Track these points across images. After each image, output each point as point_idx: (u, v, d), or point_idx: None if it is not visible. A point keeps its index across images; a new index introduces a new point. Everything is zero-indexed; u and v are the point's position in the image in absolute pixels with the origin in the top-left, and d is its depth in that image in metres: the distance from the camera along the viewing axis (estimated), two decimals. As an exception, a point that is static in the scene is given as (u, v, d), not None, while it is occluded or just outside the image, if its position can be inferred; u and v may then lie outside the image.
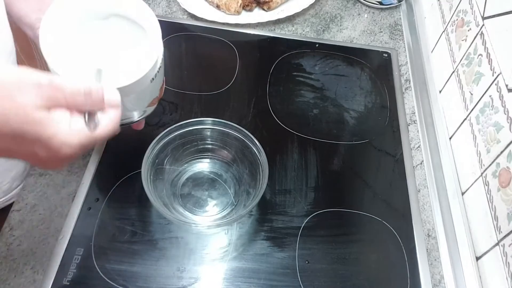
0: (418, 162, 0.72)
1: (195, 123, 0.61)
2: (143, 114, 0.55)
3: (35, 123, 0.36)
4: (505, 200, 0.56)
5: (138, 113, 0.54)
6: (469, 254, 0.61)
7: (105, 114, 0.41)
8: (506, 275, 0.54)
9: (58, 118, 0.37)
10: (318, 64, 0.83)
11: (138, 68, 0.46)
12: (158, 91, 0.54)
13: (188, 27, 0.85)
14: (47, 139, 0.37)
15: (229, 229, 0.61)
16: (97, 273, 0.55)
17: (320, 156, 0.70)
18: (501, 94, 0.60)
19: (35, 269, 0.55)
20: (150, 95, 0.52)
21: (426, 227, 0.65)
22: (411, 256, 0.61)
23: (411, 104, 0.80)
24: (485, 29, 0.66)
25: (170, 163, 0.62)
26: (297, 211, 0.63)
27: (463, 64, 0.72)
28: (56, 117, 0.37)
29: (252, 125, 0.72)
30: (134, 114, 0.54)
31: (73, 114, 0.39)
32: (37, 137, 0.36)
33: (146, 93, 0.51)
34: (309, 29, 0.89)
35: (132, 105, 0.51)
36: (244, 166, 0.63)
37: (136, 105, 0.52)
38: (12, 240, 0.57)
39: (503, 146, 0.58)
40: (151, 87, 0.50)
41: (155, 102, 0.55)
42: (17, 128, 0.35)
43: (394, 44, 0.89)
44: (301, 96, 0.78)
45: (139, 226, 0.59)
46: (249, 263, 0.58)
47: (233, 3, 0.86)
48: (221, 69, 0.81)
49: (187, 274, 0.56)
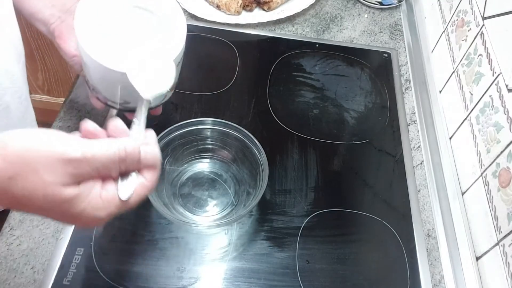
0: (418, 162, 0.72)
1: (195, 123, 0.61)
2: (163, 99, 0.54)
3: (63, 202, 0.34)
4: (505, 200, 0.56)
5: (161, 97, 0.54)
6: (469, 254, 0.61)
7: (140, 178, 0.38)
8: (506, 275, 0.54)
9: (88, 192, 0.35)
10: (318, 64, 0.83)
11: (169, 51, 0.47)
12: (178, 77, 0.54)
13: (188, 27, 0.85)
14: (77, 214, 0.35)
15: (229, 229, 0.61)
16: (97, 273, 0.55)
17: (320, 156, 0.70)
18: (501, 94, 0.60)
19: (35, 269, 0.55)
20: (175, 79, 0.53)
21: (426, 227, 0.65)
22: (411, 256, 0.61)
23: (411, 104, 0.80)
24: (485, 29, 0.66)
25: (170, 163, 0.62)
26: (297, 211, 0.63)
27: (463, 64, 0.72)
28: (86, 191, 0.35)
29: (252, 125, 0.72)
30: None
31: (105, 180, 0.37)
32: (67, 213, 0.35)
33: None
34: (309, 29, 0.89)
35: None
36: (244, 166, 0.63)
37: None
38: (12, 240, 0.57)
39: (503, 146, 0.58)
40: (177, 71, 0.50)
41: (174, 87, 0.55)
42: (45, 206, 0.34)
43: (394, 44, 0.89)
44: (301, 96, 0.78)
45: (139, 226, 0.59)
46: (249, 263, 0.58)
47: (233, 3, 0.86)
48: (221, 69, 0.81)
49: (187, 274, 0.56)
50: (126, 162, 0.36)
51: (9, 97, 0.57)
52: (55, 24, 0.55)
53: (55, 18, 0.55)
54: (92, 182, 0.35)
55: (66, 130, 0.68)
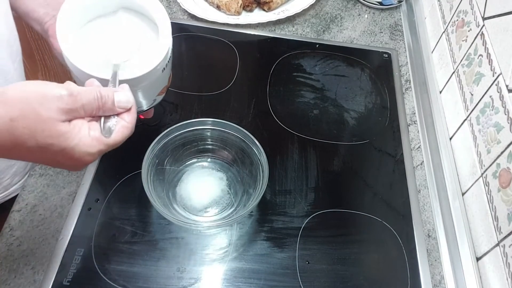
0: (418, 162, 0.72)
1: (195, 123, 0.61)
2: (153, 103, 0.56)
3: (59, 136, 0.38)
4: (506, 200, 0.56)
5: (148, 102, 0.55)
6: (470, 254, 0.61)
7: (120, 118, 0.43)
8: (507, 276, 0.54)
9: (79, 128, 0.40)
10: (318, 64, 0.83)
11: (151, 59, 0.48)
12: (167, 81, 0.55)
13: (188, 28, 0.85)
14: (70, 150, 0.40)
15: (229, 230, 0.60)
16: (97, 273, 0.55)
17: (320, 157, 0.70)
18: (501, 94, 0.60)
19: (35, 270, 0.55)
20: (161, 84, 0.53)
21: (426, 227, 0.65)
22: (411, 256, 0.61)
23: (411, 105, 0.80)
24: (486, 30, 0.66)
25: (170, 163, 0.62)
26: (297, 211, 0.63)
27: (463, 64, 0.72)
28: (76, 128, 0.40)
29: (252, 125, 0.72)
30: (144, 103, 0.54)
31: (91, 121, 0.42)
32: (62, 149, 0.39)
33: (158, 83, 0.52)
34: (309, 29, 0.89)
35: (144, 95, 0.52)
36: (244, 166, 0.63)
37: (147, 94, 0.53)
38: (12, 240, 0.57)
39: (504, 146, 0.58)
40: (162, 76, 0.51)
41: (164, 90, 0.56)
42: (43, 141, 0.38)
43: (394, 45, 0.89)
44: (301, 96, 0.78)
45: (139, 226, 0.59)
46: (249, 263, 0.58)
47: (233, 3, 0.86)
48: (221, 69, 0.81)
49: (187, 274, 0.56)
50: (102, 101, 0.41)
51: None
52: (49, 22, 0.55)
53: (49, 16, 0.55)
54: (80, 121, 0.40)
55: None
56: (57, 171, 0.64)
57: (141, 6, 0.50)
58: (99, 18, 0.51)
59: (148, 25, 0.52)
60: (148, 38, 0.52)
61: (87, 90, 0.41)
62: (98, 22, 0.51)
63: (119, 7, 0.51)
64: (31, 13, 0.56)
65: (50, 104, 0.37)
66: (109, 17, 0.51)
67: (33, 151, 0.39)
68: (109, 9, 0.51)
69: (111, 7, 0.51)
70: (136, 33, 0.52)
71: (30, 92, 0.37)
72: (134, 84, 0.47)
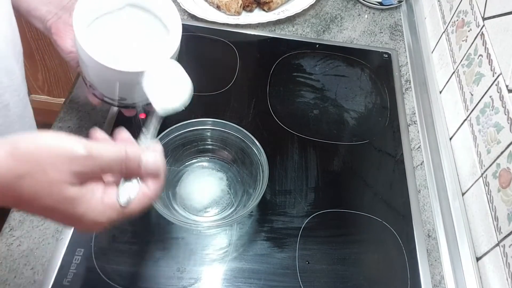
0: (419, 162, 0.72)
1: (195, 123, 0.61)
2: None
3: (67, 202, 0.35)
4: (506, 200, 0.56)
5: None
6: (470, 254, 0.61)
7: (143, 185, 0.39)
8: (507, 276, 0.54)
9: (91, 194, 0.36)
10: (318, 64, 0.83)
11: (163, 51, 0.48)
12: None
13: (188, 28, 0.85)
14: (79, 217, 0.36)
15: (229, 230, 0.60)
16: (97, 273, 0.55)
17: (320, 157, 0.70)
18: (501, 94, 0.60)
19: (35, 270, 0.55)
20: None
21: (426, 227, 0.65)
22: (411, 256, 0.61)
23: (411, 105, 0.80)
24: (486, 30, 0.66)
25: (170, 163, 0.62)
26: (297, 211, 0.63)
27: (463, 64, 0.72)
28: (89, 194, 0.36)
29: (252, 125, 0.72)
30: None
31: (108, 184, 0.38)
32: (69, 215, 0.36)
33: None
34: (309, 29, 0.89)
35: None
36: (244, 166, 0.63)
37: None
38: (12, 240, 0.57)
39: (504, 146, 0.58)
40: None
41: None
42: (49, 205, 0.34)
43: (394, 45, 0.89)
44: (301, 96, 0.78)
45: (139, 226, 0.59)
46: (249, 263, 0.58)
47: (233, 3, 0.86)
48: (221, 69, 0.81)
49: (187, 274, 0.56)
50: (126, 164, 0.37)
51: (8, 95, 0.57)
52: (52, 20, 0.55)
53: (51, 14, 0.55)
54: (95, 184, 0.36)
55: (66, 130, 0.68)
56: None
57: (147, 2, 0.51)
58: (106, 15, 0.51)
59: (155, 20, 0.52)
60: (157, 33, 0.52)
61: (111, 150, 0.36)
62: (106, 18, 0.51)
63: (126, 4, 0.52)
64: (33, 11, 0.56)
65: (63, 166, 0.33)
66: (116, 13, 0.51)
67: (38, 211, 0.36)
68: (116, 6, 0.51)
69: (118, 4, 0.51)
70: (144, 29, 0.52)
71: (42, 148, 0.33)
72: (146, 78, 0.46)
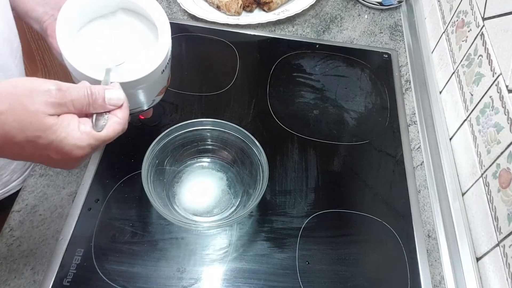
0: (418, 162, 0.72)
1: (195, 124, 0.61)
2: (152, 103, 0.56)
3: (47, 129, 0.39)
4: (505, 201, 0.56)
5: (148, 103, 0.55)
6: (470, 255, 0.61)
7: (113, 114, 0.43)
8: (507, 276, 0.54)
9: (68, 122, 0.40)
10: (318, 64, 0.83)
11: (151, 60, 0.48)
12: (166, 81, 0.55)
13: (188, 28, 0.85)
14: (59, 143, 0.40)
15: (229, 230, 0.60)
16: (97, 273, 0.55)
17: (320, 157, 0.70)
18: (501, 94, 0.60)
19: (35, 270, 0.55)
20: (160, 85, 0.54)
21: (426, 227, 0.65)
22: (411, 257, 0.61)
23: (411, 105, 0.80)
24: (485, 30, 0.66)
25: (170, 163, 0.62)
26: (297, 212, 0.63)
27: (463, 65, 0.72)
28: (65, 122, 0.40)
29: (252, 126, 0.72)
30: (143, 104, 0.55)
31: (82, 117, 0.42)
32: (50, 142, 0.39)
33: (157, 84, 0.52)
34: (309, 29, 0.89)
35: (143, 96, 0.52)
36: (244, 167, 0.63)
37: (147, 95, 0.53)
38: (12, 240, 0.57)
39: (504, 147, 0.58)
40: (161, 77, 0.51)
41: (163, 91, 0.56)
42: (31, 134, 0.38)
43: (394, 45, 0.89)
44: (301, 96, 0.78)
45: (139, 226, 0.59)
46: (249, 264, 0.58)
47: (233, 4, 0.86)
48: (221, 69, 0.81)
49: (187, 275, 0.56)
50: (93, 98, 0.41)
51: None
52: (48, 22, 0.55)
53: (48, 16, 0.55)
54: (70, 115, 0.41)
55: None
56: (57, 172, 0.64)
57: (139, 7, 0.50)
58: (98, 19, 0.51)
59: (147, 26, 0.52)
60: (148, 40, 0.52)
61: (77, 87, 0.41)
62: (97, 23, 0.51)
63: (118, 8, 0.51)
64: (29, 12, 0.56)
65: (38, 97, 0.38)
66: (108, 18, 0.51)
67: (23, 145, 0.39)
68: (108, 10, 0.51)
69: (110, 8, 0.51)
70: (135, 35, 0.52)
71: (19, 86, 0.38)
72: (134, 85, 0.47)
